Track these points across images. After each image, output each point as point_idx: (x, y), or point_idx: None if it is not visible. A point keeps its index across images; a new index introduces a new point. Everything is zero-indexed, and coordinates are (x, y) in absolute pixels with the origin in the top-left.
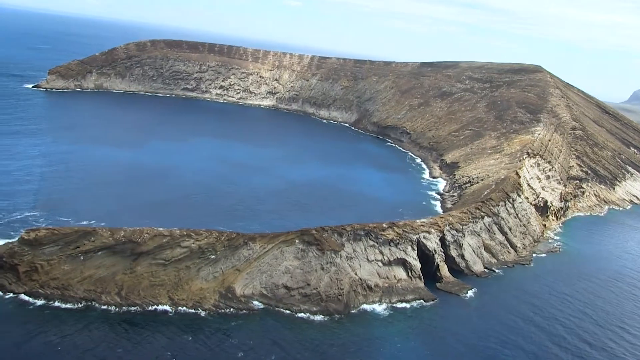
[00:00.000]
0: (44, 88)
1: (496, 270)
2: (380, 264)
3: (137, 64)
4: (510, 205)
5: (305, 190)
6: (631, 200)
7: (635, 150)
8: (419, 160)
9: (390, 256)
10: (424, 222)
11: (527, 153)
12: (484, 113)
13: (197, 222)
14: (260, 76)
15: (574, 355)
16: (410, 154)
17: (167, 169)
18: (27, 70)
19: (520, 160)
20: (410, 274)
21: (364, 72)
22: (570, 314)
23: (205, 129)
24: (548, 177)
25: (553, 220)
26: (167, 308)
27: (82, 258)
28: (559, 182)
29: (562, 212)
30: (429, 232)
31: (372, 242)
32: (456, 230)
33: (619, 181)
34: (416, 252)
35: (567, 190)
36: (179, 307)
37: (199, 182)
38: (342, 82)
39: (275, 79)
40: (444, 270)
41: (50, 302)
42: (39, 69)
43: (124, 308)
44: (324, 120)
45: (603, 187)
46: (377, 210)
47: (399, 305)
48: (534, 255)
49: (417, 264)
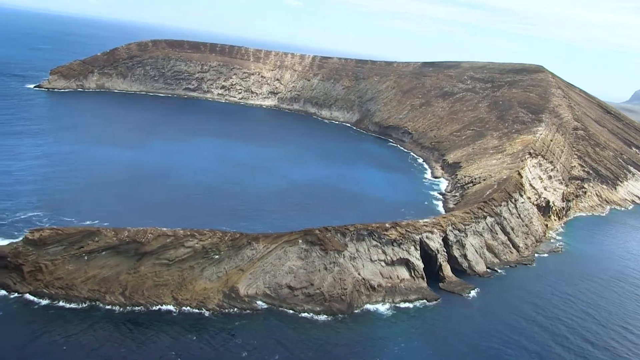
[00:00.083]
0: (46, 88)
1: (499, 270)
2: (383, 263)
3: (139, 64)
4: (513, 205)
5: (307, 190)
6: (633, 201)
7: (636, 150)
8: (420, 160)
9: (393, 256)
10: (426, 222)
11: (529, 153)
12: (486, 113)
13: (199, 222)
14: (261, 76)
15: (577, 355)
16: (412, 154)
17: (169, 169)
18: (28, 71)
19: (522, 160)
20: (413, 274)
21: (365, 72)
22: (573, 314)
23: (207, 129)
24: (550, 177)
25: (555, 220)
26: (171, 308)
27: (86, 258)
28: (561, 182)
29: (564, 212)
30: (431, 232)
31: (375, 242)
32: (459, 230)
33: (621, 181)
34: (419, 252)
35: (569, 190)
36: (183, 307)
37: (201, 182)
38: (344, 82)
39: (277, 79)
40: (447, 270)
41: (54, 302)
42: (41, 69)
43: (128, 308)
44: (326, 120)
45: (605, 187)
46: (379, 210)
47: (402, 305)
48: (536, 255)
49: (420, 264)
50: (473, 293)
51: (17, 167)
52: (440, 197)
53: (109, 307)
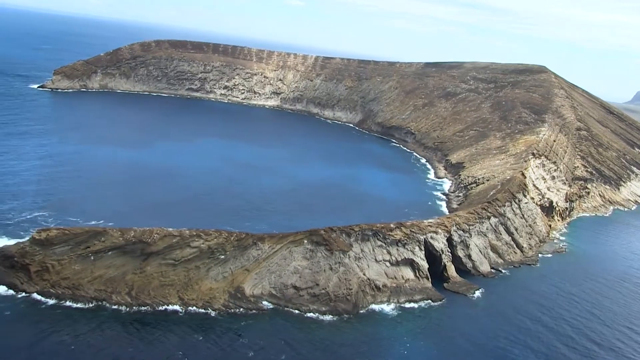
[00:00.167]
0: (50, 88)
1: (503, 271)
2: (388, 264)
3: (142, 64)
4: (516, 205)
5: (311, 190)
6: (636, 201)
7: (639, 151)
8: (423, 160)
9: (398, 256)
10: (431, 222)
11: (533, 153)
12: (489, 113)
13: (204, 222)
14: (264, 76)
15: (583, 356)
16: (414, 154)
17: (173, 169)
18: (32, 71)
19: (525, 161)
20: (417, 274)
21: (368, 72)
22: (577, 314)
23: (210, 129)
24: (553, 178)
25: (558, 220)
26: (177, 308)
27: (92, 258)
28: (564, 183)
29: (567, 213)
30: (436, 233)
31: (380, 243)
32: (463, 231)
33: (624, 182)
34: (424, 252)
35: (572, 190)
36: (189, 307)
37: (206, 183)
38: (347, 83)
39: (280, 79)
40: (451, 270)
41: (61, 302)
42: (44, 69)
43: (134, 308)
44: (329, 121)
45: (608, 187)
46: (383, 211)
47: (407, 305)
48: (540, 255)
49: (424, 264)
50: (478, 293)
51: (22, 167)
52: (444, 197)
53: (115, 307)
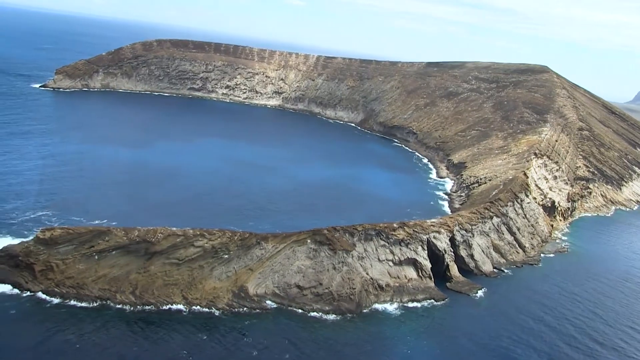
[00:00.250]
0: (52, 88)
1: (505, 270)
2: (391, 263)
3: (144, 63)
4: (519, 205)
5: (313, 190)
6: (638, 201)
7: None
8: (425, 160)
9: (401, 256)
10: (433, 222)
11: (535, 153)
12: (491, 113)
13: (207, 222)
14: (266, 76)
15: (586, 355)
16: (416, 154)
17: (175, 169)
18: (34, 70)
19: (527, 161)
20: (420, 274)
21: (369, 72)
22: (580, 313)
23: (212, 128)
24: (555, 178)
25: (560, 220)
26: (181, 307)
27: (96, 257)
28: (566, 183)
29: (569, 213)
30: (439, 232)
31: (383, 242)
32: (465, 231)
33: (626, 182)
34: (426, 252)
35: (574, 190)
36: (193, 306)
37: (208, 182)
38: (348, 82)
39: (281, 79)
40: (454, 270)
41: (66, 301)
42: (46, 68)
43: (138, 307)
44: (330, 120)
45: (610, 187)
46: (385, 210)
47: (410, 304)
48: (542, 255)
49: (427, 264)
50: (480, 293)
51: (24, 167)
52: (446, 197)
53: (119, 306)
